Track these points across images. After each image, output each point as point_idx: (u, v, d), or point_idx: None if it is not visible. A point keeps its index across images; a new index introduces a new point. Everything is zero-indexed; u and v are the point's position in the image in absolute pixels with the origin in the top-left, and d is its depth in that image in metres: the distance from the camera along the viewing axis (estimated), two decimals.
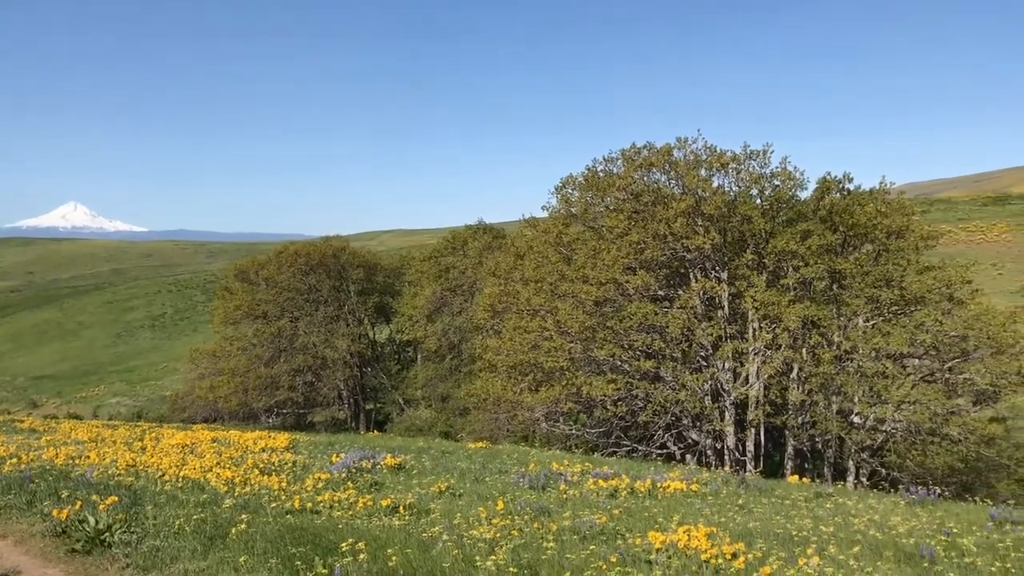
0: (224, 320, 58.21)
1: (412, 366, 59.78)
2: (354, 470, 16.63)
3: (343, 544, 8.89)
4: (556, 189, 34.54)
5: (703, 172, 29.93)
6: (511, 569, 8.12)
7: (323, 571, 8.17)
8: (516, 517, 11.40)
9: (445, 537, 9.52)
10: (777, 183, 29.94)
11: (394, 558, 8.41)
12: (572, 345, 29.76)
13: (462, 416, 45.37)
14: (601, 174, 32.68)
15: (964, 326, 27.53)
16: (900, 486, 21.96)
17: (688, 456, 30.33)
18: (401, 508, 12.02)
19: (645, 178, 31.00)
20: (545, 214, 35.53)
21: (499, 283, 37.01)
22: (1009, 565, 8.96)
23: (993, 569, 8.72)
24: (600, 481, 15.38)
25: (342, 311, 58.36)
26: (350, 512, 11.91)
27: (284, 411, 56.93)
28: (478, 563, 8.35)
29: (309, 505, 12.09)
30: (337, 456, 19.05)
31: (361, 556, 8.43)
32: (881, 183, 30.32)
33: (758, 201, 30.45)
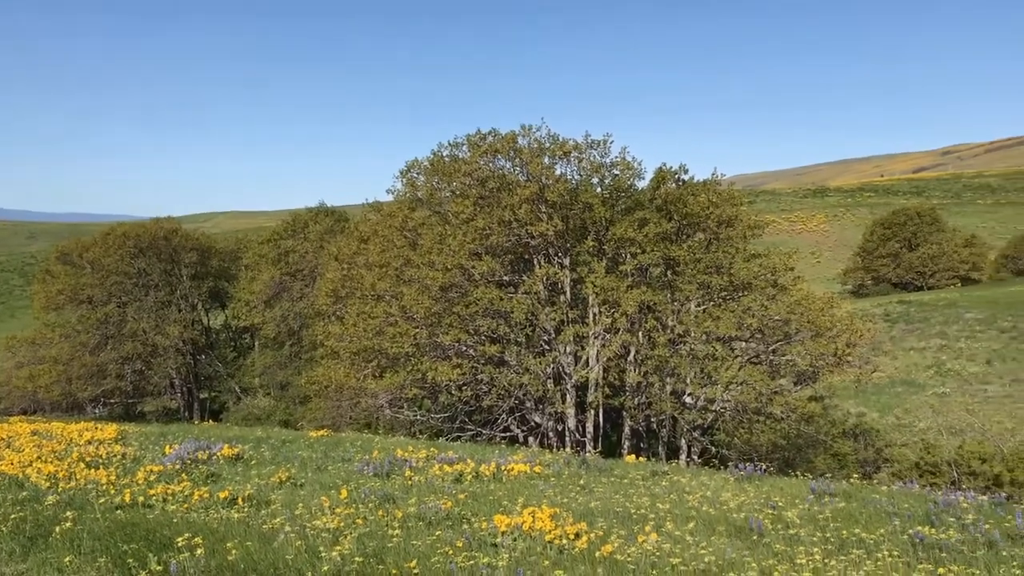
0: (45, 305, 54.56)
1: (249, 353, 58.02)
2: (189, 461, 15.99)
3: (179, 539, 8.53)
4: (401, 173, 34.25)
5: (547, 160, 30.40)
6: (357, 559, 8.01)
7: (157, 568, 7.81)
8: (361, 505, 11.27)
9: (288, 528, 9.30)
10: (616, 172, 30.76)
11: (234, 552, 8.14)
12: (418, 331, 29.65)
13: (303, 404, 44.45)
14: (447, 159, 32.62)
15: (787, 311, 29.22)
16: (729, 463, 23.13)
17: (531, 438, 30.87)
18: (240, 500, 11.65)
19: (490, 164, 31.18)
20: (390, 198, 35.18)
21: (342, 268, 36.39)
22: (828, 535, 9.57)
23: (815, 539, 9.30)
24: (445, 466, 15.41)
25: (174, 296, 55.87)
26: (185, 505, 11.45)
27: (112, 401, 54.04)
28: (323, 554, 8.19)
29: (141, 499, 11.54)
30: (170, 447, 18.27)
31: (198, 551, 8.10)
32: (713, 174, 31.67)
33: (599, 189, 31.20)
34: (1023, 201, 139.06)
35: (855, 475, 23.02)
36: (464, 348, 29.53)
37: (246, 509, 11.15)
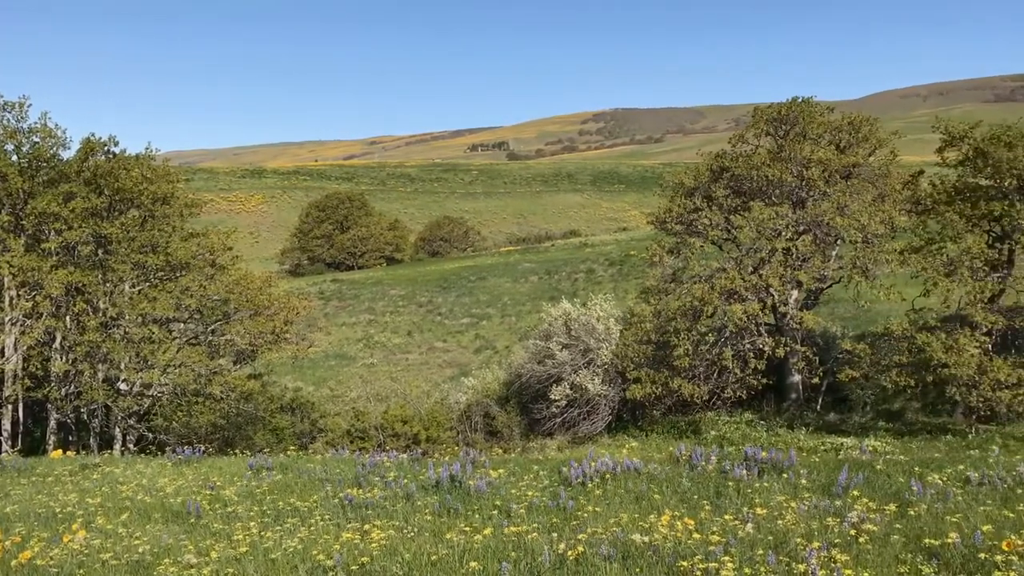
0: None
1: None
2: None
3: None
4: None
5: None
6: None
7: None
8: None
9: None
10: (37, 140, 27.85)
11: None
12: None
13: None
14: None
15: (226, 291, 29.26)
16: (168, 448, 22.52)
17: None
18: None
19: None
20: None
21: None
22: (266, 508, 9.90)
23: (252, 513, 9.55)
24: None
25: None
26: None
27: None
28: None
29: None
30: None
31: None
32: (147, 149, 30.34)
33: (15, 158, 27.93)
34: (436, 190, 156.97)
35: (292, 447, 24.05)
36: None
37: None
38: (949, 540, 7.50)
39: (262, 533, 8.40)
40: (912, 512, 9.14)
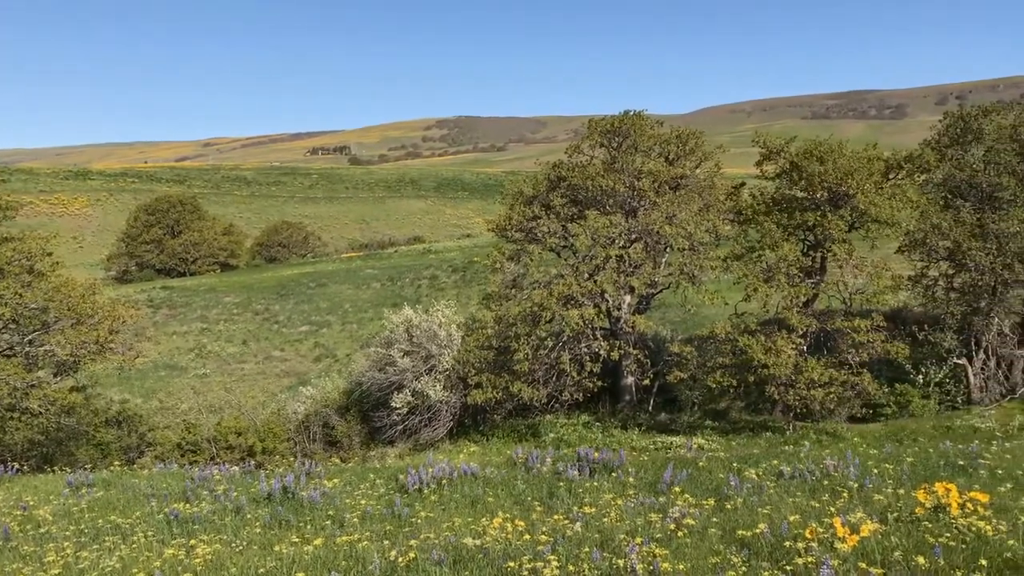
0: None
1: None
2: None
3: None
4: None
5: None
6: None
7: None
8: None
9: None
10: None
11: None
12: None
13: None
14: None
15: (45, 298, 27.58)
16: None
17: None
18: None
19: None
20: None
21: None
22: (84, 526, 9.42)
23: (68, 533, 9.07)
24: None
25: None
26: None
27: None
28: None
29: None
30: None
31: None
32: None
33: None
34: (273, 194, 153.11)
35: (118, 463, 22.92)
36: None
37: None
38: (759, 531, 8.01)
39: (78, 553, 7.99)
40: (729, 506, 9.69)
